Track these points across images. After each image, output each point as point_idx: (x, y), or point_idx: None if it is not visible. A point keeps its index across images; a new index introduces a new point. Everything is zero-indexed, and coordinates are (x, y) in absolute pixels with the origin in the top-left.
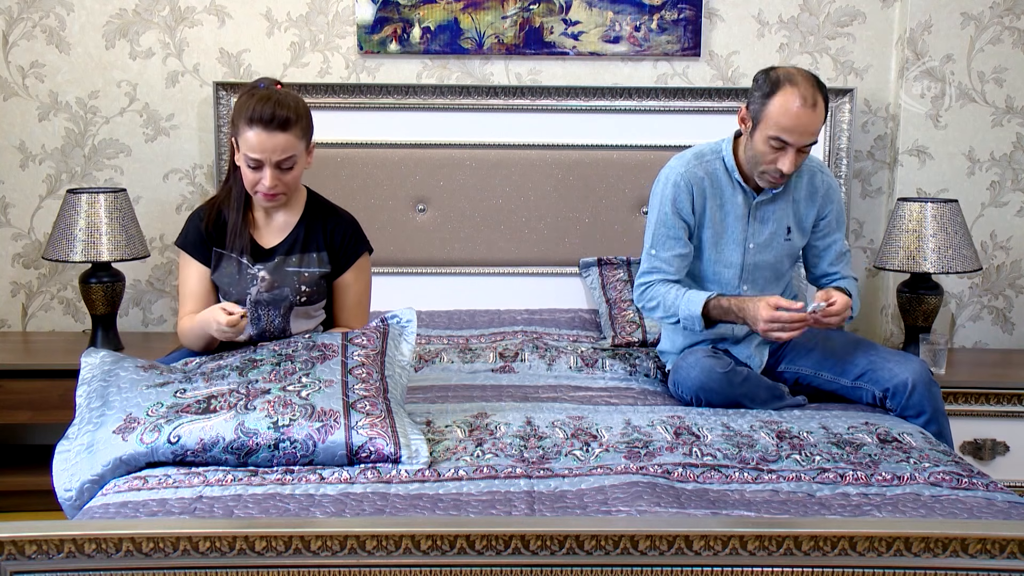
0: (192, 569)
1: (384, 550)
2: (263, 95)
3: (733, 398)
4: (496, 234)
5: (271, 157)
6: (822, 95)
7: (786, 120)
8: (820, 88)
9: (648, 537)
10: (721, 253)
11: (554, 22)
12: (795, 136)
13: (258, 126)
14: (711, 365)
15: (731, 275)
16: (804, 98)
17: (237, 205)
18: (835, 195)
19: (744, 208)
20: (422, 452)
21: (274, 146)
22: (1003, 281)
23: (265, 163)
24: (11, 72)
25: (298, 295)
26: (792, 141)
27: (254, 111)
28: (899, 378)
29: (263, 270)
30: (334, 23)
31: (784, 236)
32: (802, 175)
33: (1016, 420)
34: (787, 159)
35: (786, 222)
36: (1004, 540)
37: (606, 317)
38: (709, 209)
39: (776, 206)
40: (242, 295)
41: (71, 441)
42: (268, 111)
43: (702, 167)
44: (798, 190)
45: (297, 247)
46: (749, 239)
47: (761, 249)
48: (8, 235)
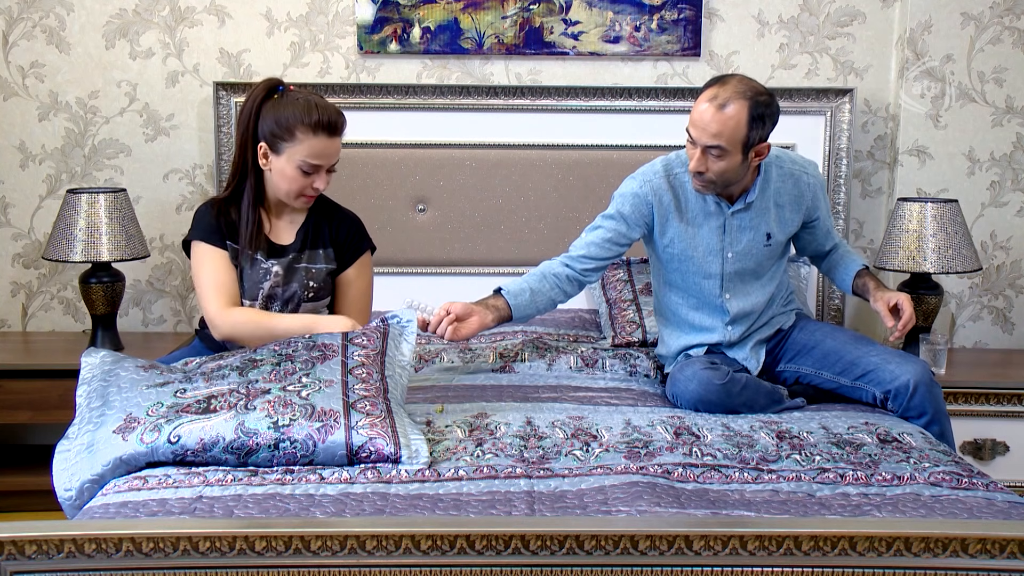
0: (192, 569)
1: (384, 550)
2: (315, 103)
3: (732, 408)
4: (496, 234)
5: (330, 161)
6: (745, 100)
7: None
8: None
9: (648, 537)
10: (699, 265)
11: (554, 22)
12: (695, 131)
13: (323, 133)
14: (709, 377)
15: (712, 285)
16: (713, 96)
17: (250, 205)
18: (820, 192)
19: (719, 219)
20: (422, 452)
21: (335, 151)
22: (1003, 281)
23: (324, 167)
24: (11, 72)
25: (306, 291)
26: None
27: (319, 119)
28: (901, 380)
29: (276, 265)
30: (334, 23)
31: (764, 243)
32: (785, 180)
33: (1016, 420)
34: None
35: (765, 228)
36: (1004, 540)
37: (606, 317)
38: (675, 222)
39: (752, 214)
40: (254, 289)
41: (71, 441)
42: (331, 118)
43: (667, 179)
44: (780, 195)
45: (307, 244)
46: (727, 249)
47: (740, 257)
48: (8, 235)
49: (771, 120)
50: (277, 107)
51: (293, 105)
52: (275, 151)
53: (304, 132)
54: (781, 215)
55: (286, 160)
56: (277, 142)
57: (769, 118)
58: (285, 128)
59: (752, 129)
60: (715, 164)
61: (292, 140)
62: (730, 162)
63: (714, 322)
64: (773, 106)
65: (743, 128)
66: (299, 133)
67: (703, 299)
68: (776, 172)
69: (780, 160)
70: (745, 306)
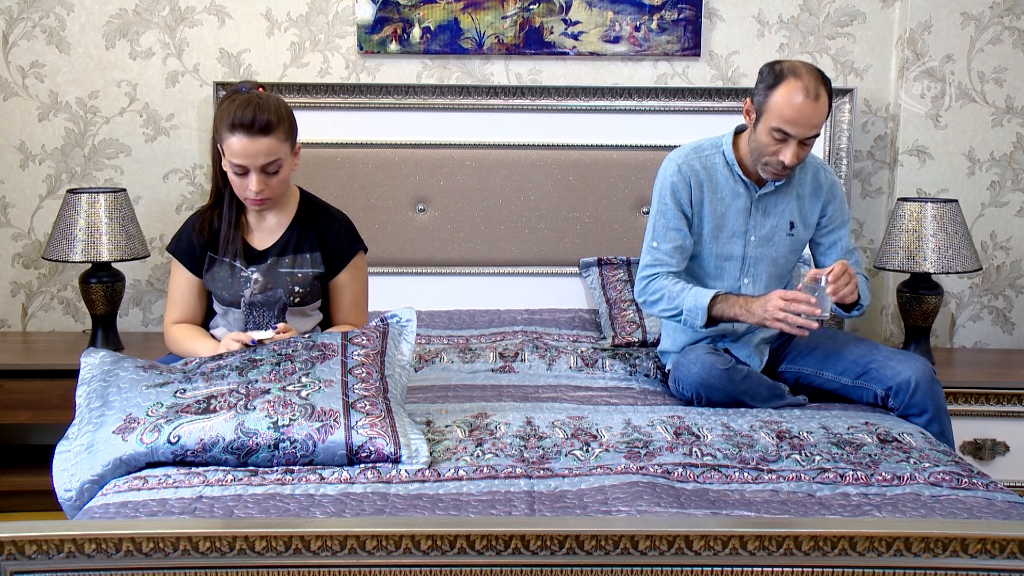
0: (192, 569)
1: (384, 550)
2: (243, 100)
3: (734, 395)
4: (496, 234)
5: (255, 162)
6: (826, 88)
7: (788, 112)
8: (824, 81)
9: (648, 537)
10: (722, 246)
11: (554, 22)
12: (797, 128)
13: (240, 131)
14: (712, 361)
15: (733, 267)
16: (807, 90)
17: (229, 210)
18: (838, 192)
19: (746, 201)
20: (422, 452)
21: (257, 150)
22: (1003, 281)
23: (251, 168)
24: (11, 72)
25: (291, 296)
26: (794, 133)
27: (235, 116)
28: (902, 377)
29: (256, 272)
30: (334, 23)
31: (787, 231)
32: (806, 171)
33: (1016, 420)
34: (789, 151)
35: (789, 216)
36: (1004, 540)
37: (606, 317)
38: (708, 202)
39: (779, 199)
40: (235, 297)
41: (71, 441)
42: (249, 116)
43: (699, 160)
44: (802, 185)
45: (290, 248)
46: (751, 231)
47: (763, 242)
48: (8, 235)
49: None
50: (219, 107)
51: (228, 103)
52: (222, 152)
53: (227, 131)
54: (802, 205)
55: (225, 161)
56: (220, 143)
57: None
58: (216, 128)
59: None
60: (807, 151)
61: (222, 140)
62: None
63: None
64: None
65: (828, 110)
66: (224, 132)
67: (723, 283)
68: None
69: None
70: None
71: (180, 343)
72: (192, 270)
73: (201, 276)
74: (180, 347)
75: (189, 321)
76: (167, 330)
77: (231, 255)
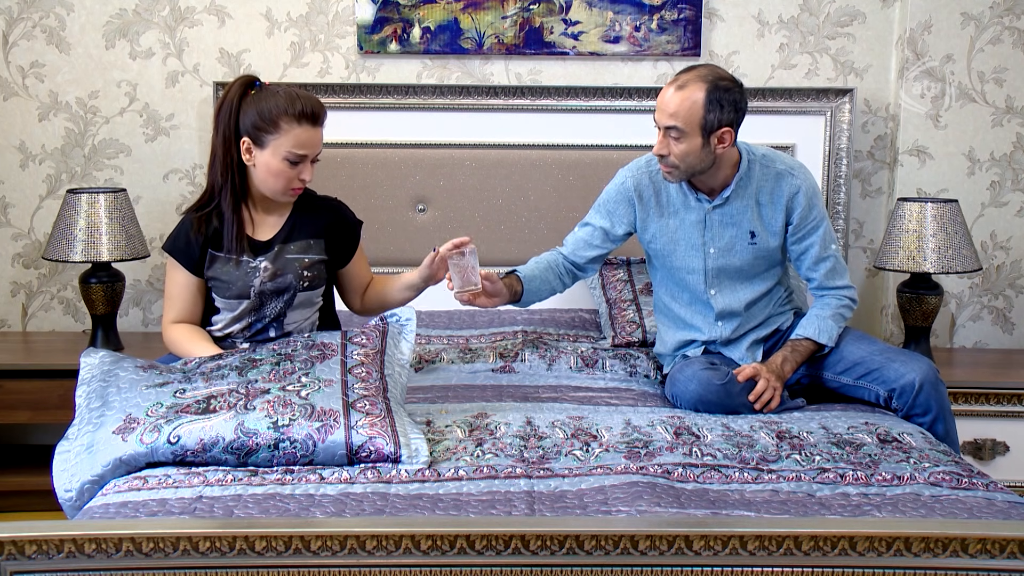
0: (192, 569)
1: (384, 550)
2: (296, 94)
3: (732, 408)
4: (496, 234)
5: (315, 151)
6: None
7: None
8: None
9: (648, 537)
10: (681, 259)
11: (554, 22)
12: (657, 113)
13: (307, 122)
14: (708, 378)
15: (696, 280)
16: (676, 79)
17: (230, 206)
18: (804, 199)
19: (699, 214)
20: (422, 452)
21: (318, 140)
22: (1003, 281)
23: (308, 157)
24: (11, 72)
25: (301, 280)
26: (656, 118)
27: (303, 108)
28: (906, 378)
29: (264, 260)
30: (334, 23)
31: (748, 240)
32: (768, 178)
33: (1016, 420)
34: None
35: (748, 226)
36: (1004, 540)
37: (606, 317)
38: (656, 217)
39: (736, 209)
40: (245, 289)
41: (71, 441)
42: (312, 107)
43: (649, 175)
44: (761, 193)
45: (294, 235)
46: (708, 244)
47: (723, 253)
48: (8, 235)
49: (732, 107)
50: (259, 101)
51: (275, 97)
52: (259, 145)
53: (288, 122)
54: (763, 213)
55: (271, 153)
56: (261, 135)
57: (730, 104)
58: (269, 120)
59: (709, 112)
60: (676, 147)
61: (277, 132)
62: (690, 145)
63: (703, 318)
64: (735, 93)
65: (700, 109)
66: (283, 124)
67: (693, 295)
68: (760, 170)
69: (767, 159)
70: (732, 303)
71: (179, 344)
72: (191, 269)
73: (201, 275)
74: (179, 347)
75: (187, 320)
76: (166, 330)
77: (237, 251)
